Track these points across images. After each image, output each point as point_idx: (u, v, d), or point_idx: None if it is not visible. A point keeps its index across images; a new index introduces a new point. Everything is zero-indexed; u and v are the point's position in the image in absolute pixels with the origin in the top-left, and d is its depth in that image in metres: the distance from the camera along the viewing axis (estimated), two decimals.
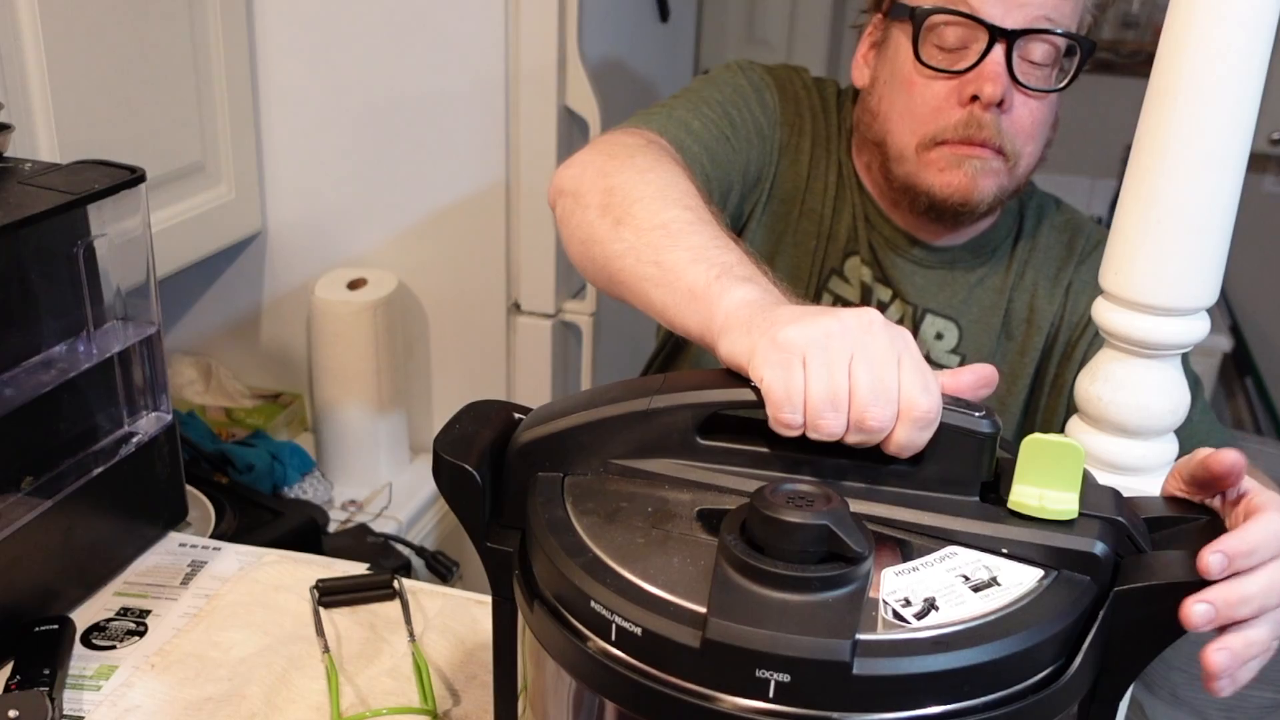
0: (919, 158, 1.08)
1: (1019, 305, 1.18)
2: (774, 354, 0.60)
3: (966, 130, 1.05)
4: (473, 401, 0.67)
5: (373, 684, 0.90)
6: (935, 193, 1.08)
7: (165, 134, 1.53)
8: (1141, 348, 0.74)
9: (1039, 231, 1.20)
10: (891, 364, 0.59)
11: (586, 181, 0.90)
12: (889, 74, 1.11)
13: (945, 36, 1.05)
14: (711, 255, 0.75)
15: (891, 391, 0.58)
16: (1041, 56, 1.05)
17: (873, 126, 1.13)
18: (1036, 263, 1.18)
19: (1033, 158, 1.10)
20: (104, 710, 0.86)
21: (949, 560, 0.57)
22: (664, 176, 0.89)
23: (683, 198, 0.85)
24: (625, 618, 0.53)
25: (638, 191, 0.86)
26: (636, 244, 0.81)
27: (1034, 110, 1.07)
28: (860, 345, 0.59)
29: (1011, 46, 1.03)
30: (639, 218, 0.82)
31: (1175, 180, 0.70)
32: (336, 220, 1.79)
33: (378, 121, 1.71)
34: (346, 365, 1.73)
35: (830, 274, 1.19)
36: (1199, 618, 0.55)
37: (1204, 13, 0.67)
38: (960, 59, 1.05)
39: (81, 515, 0.98)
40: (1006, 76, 1.04)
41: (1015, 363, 1.18)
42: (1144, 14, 2.62)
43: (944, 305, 1.18)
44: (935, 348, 1.18)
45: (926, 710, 0.50)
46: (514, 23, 1.60)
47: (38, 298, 0.94)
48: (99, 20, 1.38)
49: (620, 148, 0.95)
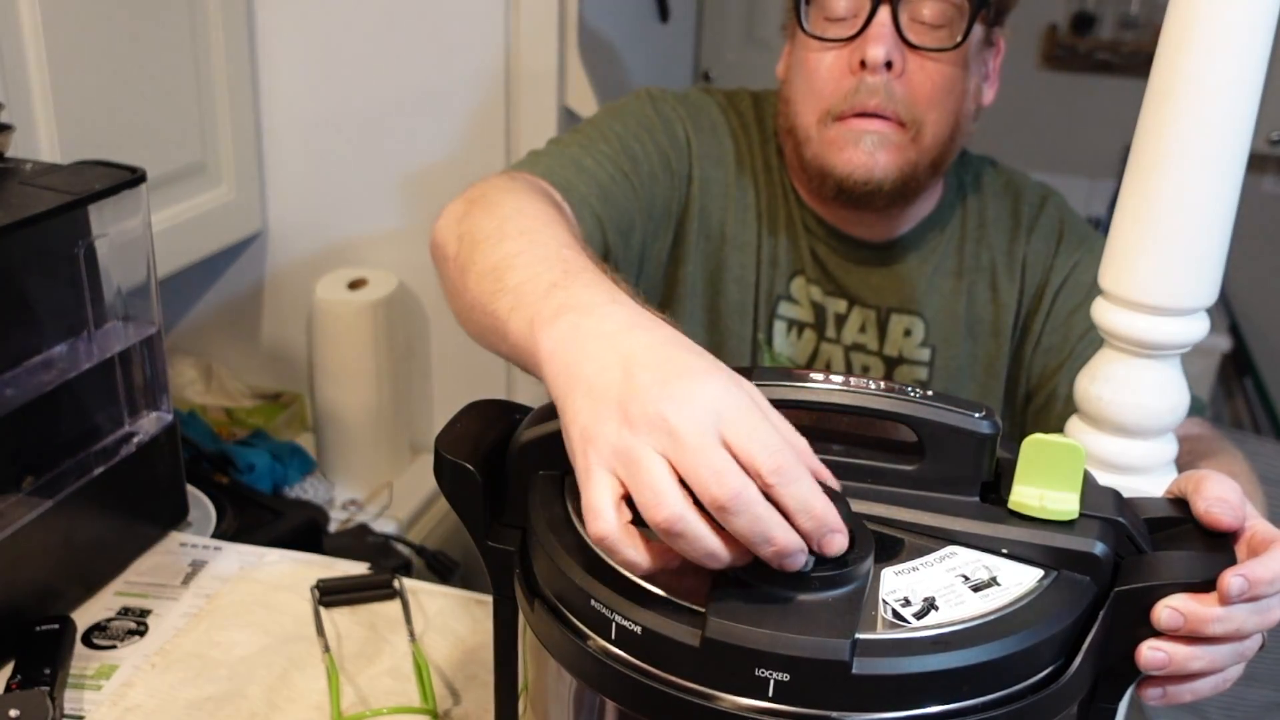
0: (820, 137, 1.06)
1: (980, 287, 1.15)
2: (580, 461, 0.54)
3: (856, 98, 1.03)
4: (474, 401, 0.67)
5: (373, 684, 0.90)
6: (838, 172, 1.05)
7: (165, 134, 1.53)
8: (1141, 348, 0.74)
9: (983, 203, 1.17)
10: (714, 439, 0.52)
11: (446, 231, 0.85)
12: (795, 59, 1.10)
13: (834, 7, 1.04)
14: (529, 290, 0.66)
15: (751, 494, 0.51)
16: (933, 16, 1.03)
17: (786, 114, 1.11)
18: (989, 239, 1.15)
19: (939, 125, 1.06)
20: (105, 710, 0.86)
21: (949, 560, 0.57)
22: (510, 207, 0.82)
23: (524, 223, 0.77)
24: (625, 616, 0.53)
25: (481, 232, 0.78)
26: (477, 290, 0.73)
27: (932, 73, 1.04)
28: (675, 446, 0.52)
29: (897, 7, 1.02)
30: (479, 262, 0.75)
31: (1175, 180, 0.70)
32: (336, 220, 1.79)
33: (378, 121, 1.71)
34: (346, 365, 1.73)
35: (778, 300, 1.16)
36: (1166, 619, 0.54)
37: (1204, 13, 0.67)
38: (849, 27, 1.04)
39: (82, 515, 0.98)
40: (893, 36, 1.02)
41: (990, 345, 1.15)
42: (1144, 14, 2.63)
43: (905, 301, 1.15)
44: (906, 345, 1.16)
45: (926, 710, 0.50)
46: (514, 23, 1.60)
47: (38, 298, 0.94)
48: (99, 20, 1.38)
49: (482, 189, 0.89)
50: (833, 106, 1.05)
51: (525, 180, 0.96)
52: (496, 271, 0.71)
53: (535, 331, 0.61)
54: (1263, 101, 0.69)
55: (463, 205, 0.87)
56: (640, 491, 0.51)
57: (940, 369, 1.16)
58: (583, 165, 1.04)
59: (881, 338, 1.16)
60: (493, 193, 0.87)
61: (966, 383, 1.16)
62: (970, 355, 1.16)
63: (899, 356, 1.16)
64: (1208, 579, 0.55)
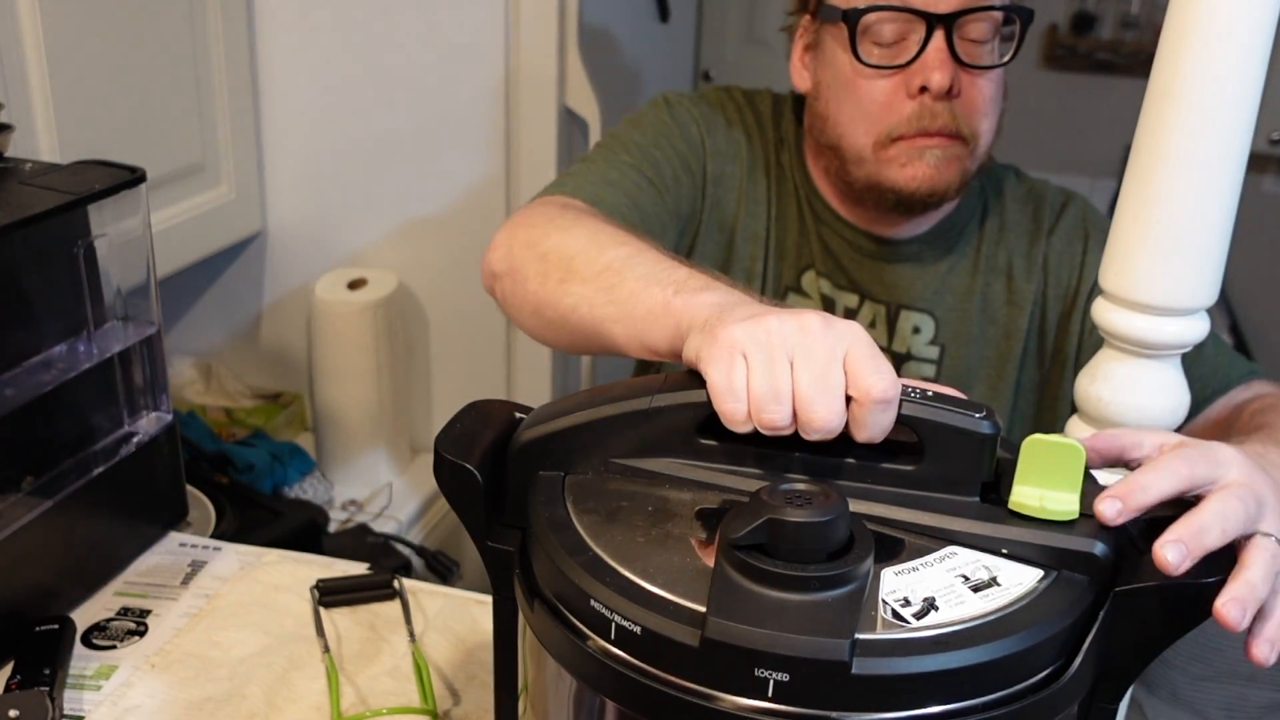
0: (877, 156, 1.07)
1: (996, 288, 1.16)
2: (715, 350, 0.61)
3: (920, 123, 1.05)
4: (474, 401, 0.67)
5: (373, 684, 0.90)
6: (901, 188, 1.07)
7: (165, 134, 1.53)
8: (1141, 348, 0.74)
9: (1003, 207, 1.18)
10: (835, 360, 0.59)
11: (518, 258, 0.92)
12: (830, 77, 1.10)
13: (882, 33, 1.04)
14: (663, 277, 0.75)
15: (836, 388, 0.58)
16: (981, 34, 1.05)
17: (825, 131, 1.11)
18: (1008, 242, 1.17)
19: (989, 134, 1.09)
20: (104, 710, 0.86)
21: (949, 560, 0.57)
22: (589, 228, 0.90)
23: (615, 236, 0.87)
24: (625, 617, 0.53)
25: (570, 248, 0.87)
26: (586, 292, 0.82)
27: (983, 88, 1.06)
28: (800, 347, 0.60)
29: (950, 31, 1.02)
30: (581, 269, 0.84)
31: (1175, 180, 0.70)
32: (336, 220, 1.79)
33: (378, 122, 1.71)
34: (346, 365, 1.73)
35: (786, 292, 1.18)
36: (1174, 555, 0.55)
37: (1204, 13, 0.67)
38: (901, 52, 1.04)
39: (82, 515, 0.98)
40: (951, 62, 1.03)
41: (1001, 346, 1.17)
42: (1144, 14, 2.63)
43: (917, 298, 1.16)
44: (914, 342, 1.17)
45: (926, 710, 0.50)
46: (514, 23, 1.60)
47: (38, 298, 0.94)
48: (99, 20, 1.38)
49: (538, 217, 0.96)
50: (893, 130, 1.06)
51: (562, 203, 1.00)
52: (611, 268, 0.80)
53: (681, 294, 0.71)
54: (1263, 101, 0.69)
55: (521, 231, 0.94)
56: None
57: (948, 368, 1.17)
58: (609, 178, 1.07)
59: (890, 334, 1.17)
60: (543, 220, 0.94)
61: (974, 383, 1.17)
62: (980, 356, 1.17)
63: (907, 353, 1.17)
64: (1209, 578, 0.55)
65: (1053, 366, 1.16)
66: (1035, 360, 1.17)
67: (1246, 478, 0.59)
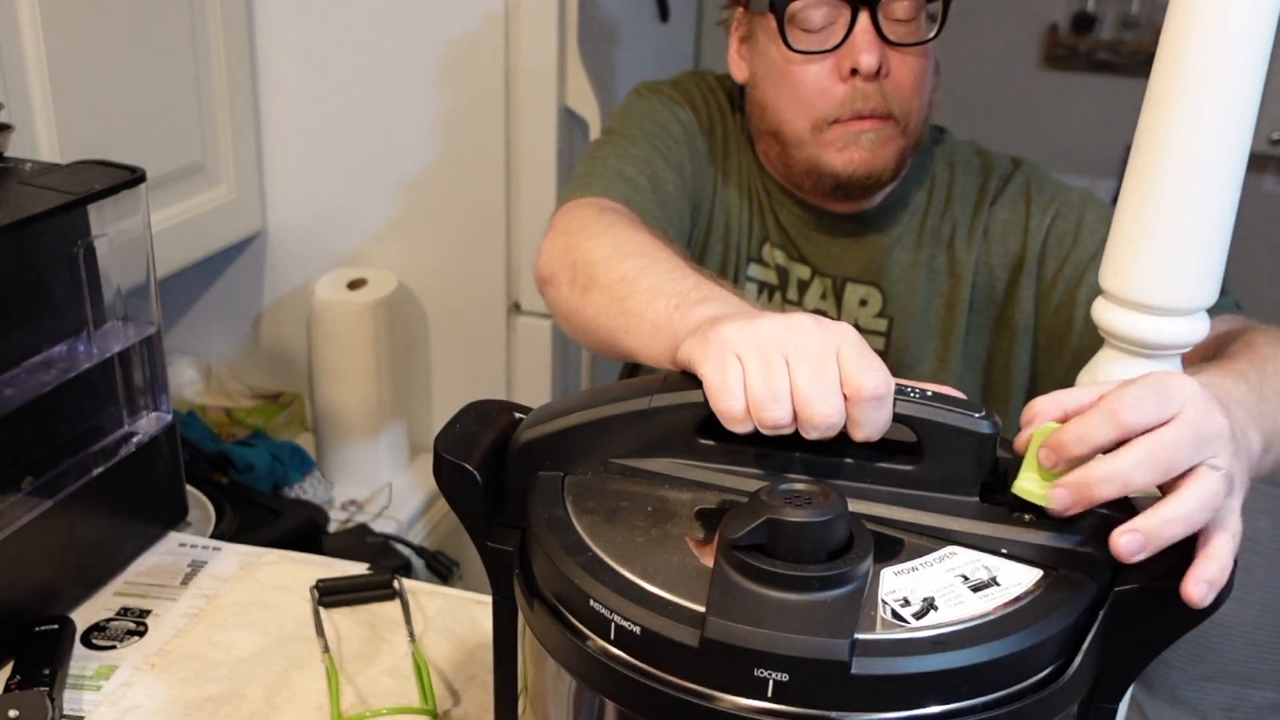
0: (815, 140, 1.10)
1: (939, 259, 1.17)
2: (707, 350, 0.62)
3: (854, 105, 1.07)
4: (473, 401, 0.67)
5: (373, 684, 0.90)
6: (839, 171, 1.09)
7: (165, 134, 1.53)
8: (1141, 348, 0.74)
9: (952, 180, 1.19)
10: (828, 358, 0.60)
11: (555, 263, 0.96)
12: (765, 67, 1.12)
13: (809, 18, 1.06)
14: (668, 289, 0.78)
15: (832, 385, 0.59)
16: (905, 13, 1.06)
17: (764, 118, 1.14)
18: (952, 213, 1.18)
19: (921, 111, 1.11)
20: (104, 710, 0.86)
21: (948, 560, 0.57)
22: (616, 236, 0.93)
23: (638, 247, 0.89)
24: (624, 617, 0.53)
25: (594, 256, 0.90)
26: (603, 302, 0.85)
27: (913, 66, 1.08)
28: (793, 346, 0.60)
29: (875, 11, 1.04)
30: (600, 278, 0.87)
31: (1175, 180, 0.70)
32: (336, 220, 1.79)
33: (377, 121, 1.71)
34: (346, 365, 1.73)
35: (749, 261, 1.21)
36: (1127, 543, 0.54)
37: (1204, 13, 0.67)
38: (829, 36, 1.06)
39: (82, 515, 0.98)
40: (879, 42, 1.05)
41: (946, 317, 1.18)
42: (1144, 14, 2.62)
43: (862, 271, 1.18)
44: (861, 315, 1.18)
45: (926, 710, 0.50)
46: (514, 23, 1.60)
47: (38, 298, 0.94)
48: (99, 20, 1.38)
49: (575, 223, 0.99)
50: (827, 113, 1.08)
51: (598, 205, 1.04)
52: (625, 278, 0.84)
53: (680, 308, 0.74)
54: (1263, 101, 0.69)
55: (560, 238, 0.98)
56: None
57: (896, 340, 1.18)
58: (626, 175, 1.10)
59: (839, 307, 1.19)
60: (579, 225, 0.98)
61: (923, 355, 1.19)
62: (928, 327, 1.18)
63: (855, 326, 1.17)
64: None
65: (1000, 336, 1.16)
66: (983, 331, 1.18)
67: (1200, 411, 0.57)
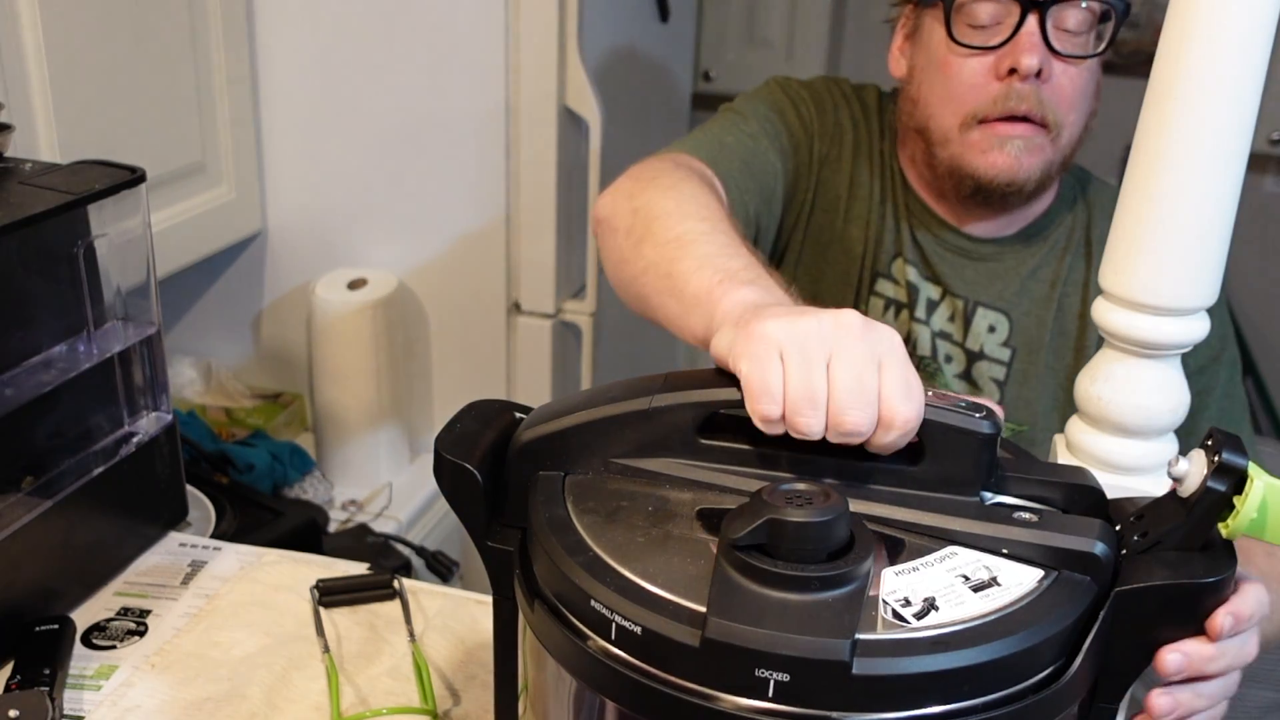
0: (961, 139, 1.09)
1: (1072, 299, 1.17)
2: (751, 346, 0.60)
3: (1006, 104, 1.07)
4: (474, 401, 0.67)
5: (373, 684, 0.90)
6: (980, 174, 1.09)
7: (165, 134, 1.53)
8: (1141, 348, 0.74)
9: (1090, 218, 1.19)
10: (871, 367, 0.58)
11: (616, 207, 0.94)
12: (925, 60, 1.13)
13: (977, 14, 1.07)
14: (718, 262, 0.76)
15: (870, 394, 0.57)
16: (1075, 24, 1.07)
17: (914, 114, 1.14)
18: (1091, 257, 1.18)
19: (1076, 127, 1.11)
20: (104, 710, 0.86)
21: (949, 560, 0.57)
22: (684, 192, 0.91)
23: (701, 208, 0.87)
24: (625, 617, 0.53)
25: (657, 209, 0.88)
26: (654, 258, 0.83)
27: (1074, 78, 1.08)
28: (837, 345, 0.58)
29: (1045, 16, 1.05)
30: (657, 234, 0.85)
31: (1175, 180, 0.70)
32: (336, 220, 1.79)
33: (378, 121, 1.71)
34: (346, 365, 1.73)
35: (876, 277, 1.20)
36: (1172, 663, 0.56)
37: (1204, 13, 0.67)
38: (994, 34, 1.07)
39: (82, 515, 0.98)
40: (1043, 46, 1.05)
41: (1069, 361, 1.17)
42: (1144, 14, 2.62)
43: (995, 297, 1.18)
44: (988, 341, 1.18)
45: (926, 710, 0.50)
46: (514, 23, 1.60)
47: (38, 298, 0.94)
48: (99, 20, 1.38)
49: (649, 170, 0.98)
50: (978, 110, 1.08)
51: (676, 160, 1.03)
52: (680, 241, 0.81)
53: (724, 283, 0.72)
54: (1263, 101, 0.69)
55: (629, 183, 0.96)
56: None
57: (1018, 372, 1.18)
58: (724, 142, 1.11)
59: (965, 330, 1.18)
60: (650, 174, 0.96)
61: (1042, 393, 1.18)
62: (1049, 367, 1.18)
63: (980, 351, 1.18)
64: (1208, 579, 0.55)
65: None
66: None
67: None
